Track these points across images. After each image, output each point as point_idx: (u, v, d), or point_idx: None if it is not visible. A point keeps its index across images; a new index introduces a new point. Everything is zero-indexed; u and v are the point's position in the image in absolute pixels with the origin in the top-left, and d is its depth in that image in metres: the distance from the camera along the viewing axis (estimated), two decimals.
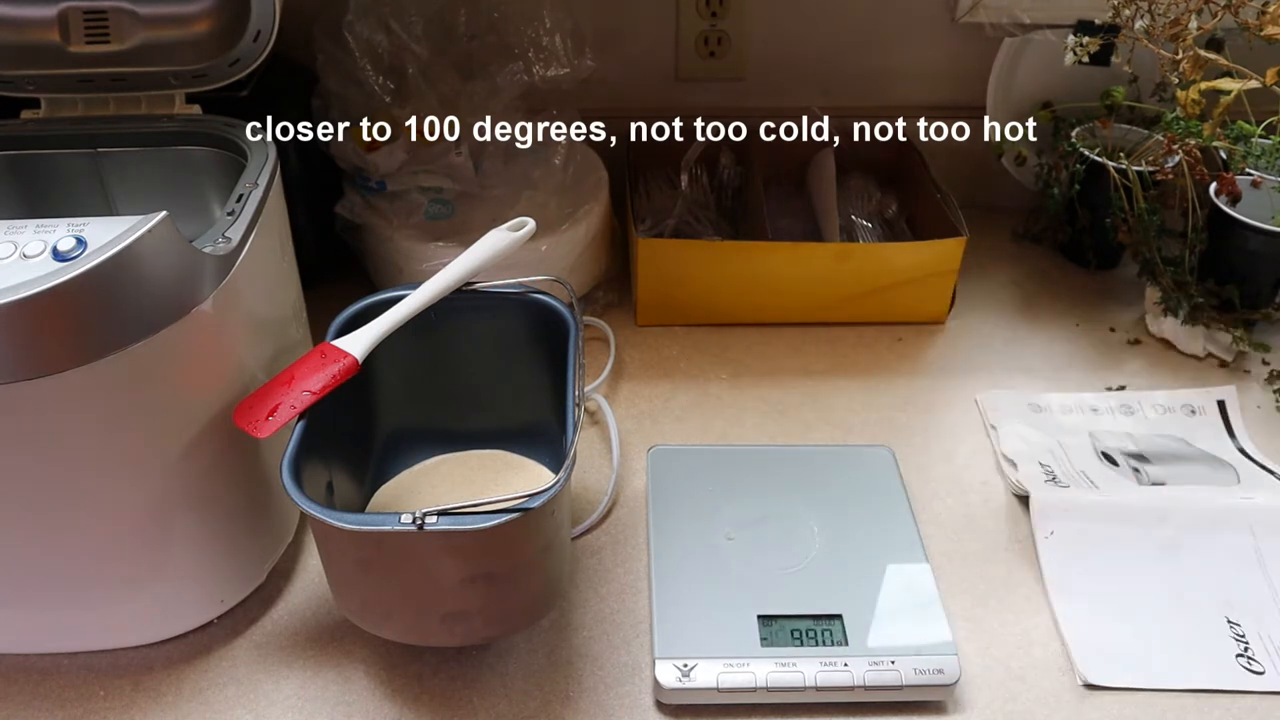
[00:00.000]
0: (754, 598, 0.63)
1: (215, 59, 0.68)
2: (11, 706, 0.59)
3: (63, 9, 0.67)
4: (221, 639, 0.62)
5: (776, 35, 0.97)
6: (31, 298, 0.45)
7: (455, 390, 0.69)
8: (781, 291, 0.87)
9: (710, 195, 0.98)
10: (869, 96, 1.01)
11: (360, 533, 0.49)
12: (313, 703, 0.59)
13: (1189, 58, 0.76)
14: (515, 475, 0.71)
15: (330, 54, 0.81)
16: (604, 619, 0.64)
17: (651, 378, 0.84)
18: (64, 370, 0.48)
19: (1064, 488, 0.72)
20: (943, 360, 0.87)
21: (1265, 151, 0.81)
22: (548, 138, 0.87)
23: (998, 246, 1.01)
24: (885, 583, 0.64)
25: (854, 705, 0.59)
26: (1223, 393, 0.82)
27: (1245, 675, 0.60)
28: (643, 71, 0.99)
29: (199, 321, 0.53)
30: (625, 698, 0.59)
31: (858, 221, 0.96)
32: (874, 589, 0.63)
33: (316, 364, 0.57)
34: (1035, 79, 0.97)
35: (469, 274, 0.63)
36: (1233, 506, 0.70)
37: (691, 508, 0.68)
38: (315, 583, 0.66)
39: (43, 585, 0.57)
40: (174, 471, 0.55)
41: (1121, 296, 0.94)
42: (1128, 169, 0.86)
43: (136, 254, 0.48)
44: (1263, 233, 0.82)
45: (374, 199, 0.85)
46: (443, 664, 0.61)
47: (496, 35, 0.85)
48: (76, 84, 0.67)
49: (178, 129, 0.66)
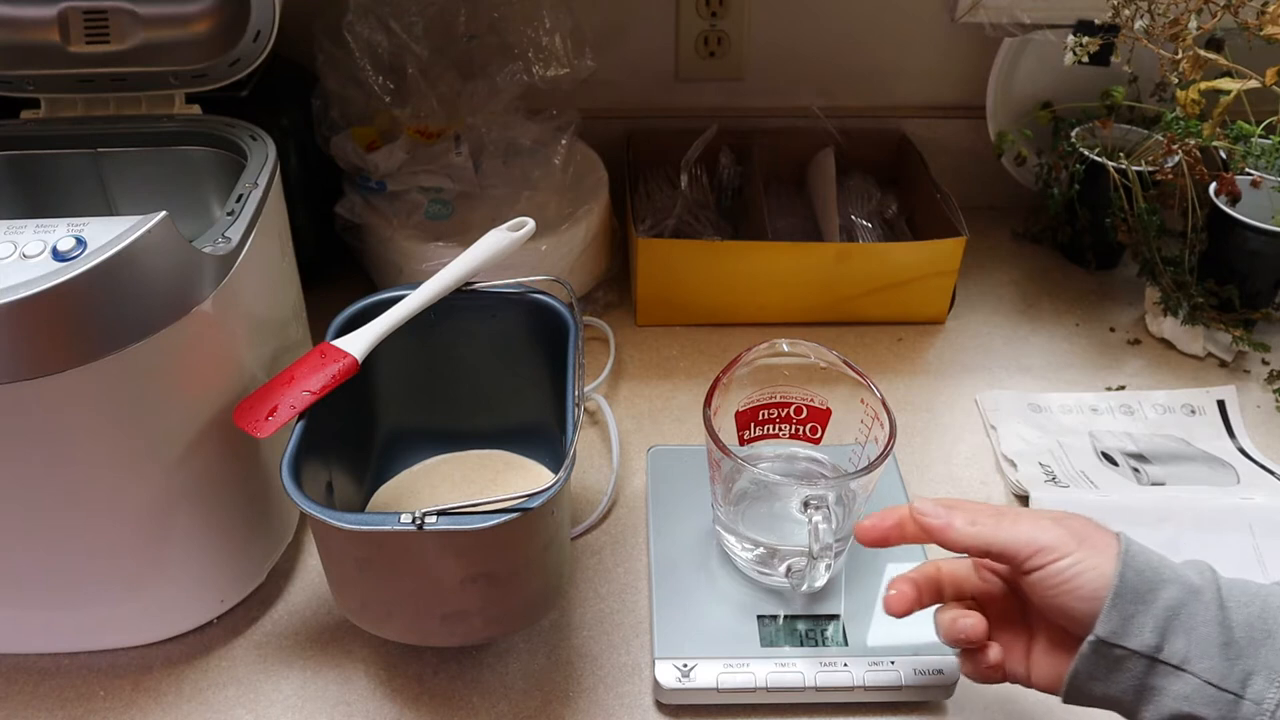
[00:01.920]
0: (754, 598, 0.63)
1: (215, 59, 0.68)
2: (11, 706, 0.59)
3: (63, 9, 0.67)
4: (221, 639, 0.63)
5: (776, 35, 0.97)
6: (31, 298, 0.45)
7: (455, 390, 0.69)
8: (781, 291, 0.87)
9: (710, 195, 0.98)
10: (869, 96, 1.01)
11: (360, 533, 0.49)
12: (313, 703, 0.59)
13: (1189, 58, 0.76)
14: (515, 475, 0.71)
15: (330, 54, 0.81)
16: (604, 619, 0.64)
17: (651, 378, 0.84)
18: (64, 370, 0.48)
19: (1064, 488, 0.72)
20: (942, 360, 0.87)
21: (1265, 151, 0.81)
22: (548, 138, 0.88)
23: (998, 246, 1.01)
24: (885, 583, 0.64)
25: (853, 705, 0.59)
26: (1223, 393, 0.82)
27: None
28: (643, 71, 0.99)
29: (199, 321, 0.53)
30: (625, 698, 0.59)
31: (858, 221, 0.96)
32: (874, 589, 0.63)
33: (316, 364, 0.57)
34: (1035, 79, 0.97)
35: (469, 274, 0.63)
36: (1232, 506, 0.70)
37: (691, 508, 0.68)
38: (315, 583, 0.66)
39: (42, 585, 0.57)
40: (174, 471, 0.55)
41: (1121, 296, 0.94)
42: (1127, 169, 0.86)
43: (136, 254, 0.48)
44: (1263, 233, 0.82)
45: (374, 199, 0.85)
46: (443, 664, 0.61)
47: (496, 35, 0.85)
48: (76, 84, 0.67)
49: (178, 129, 0.66)
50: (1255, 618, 0.44)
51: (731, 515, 0.64)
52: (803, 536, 0.57)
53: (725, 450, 0.58)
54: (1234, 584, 0.46)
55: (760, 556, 0.63)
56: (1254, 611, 0.45)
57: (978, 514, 0.50)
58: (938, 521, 0.51)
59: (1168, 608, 0.45)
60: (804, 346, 0.64)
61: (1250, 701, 0.43)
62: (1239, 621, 0.44)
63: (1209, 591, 0.45)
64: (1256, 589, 0.46)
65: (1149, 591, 0.45)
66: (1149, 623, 0.45)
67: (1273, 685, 0.43)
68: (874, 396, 0.61)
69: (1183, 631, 0.45)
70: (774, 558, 0.62)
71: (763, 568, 0.63)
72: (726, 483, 0.63)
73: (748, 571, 0.64)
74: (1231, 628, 0.44)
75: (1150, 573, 0.46)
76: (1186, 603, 0.45)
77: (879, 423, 0.61)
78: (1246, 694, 0.43)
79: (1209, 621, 0.45)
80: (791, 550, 0.61)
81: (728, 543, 0.64)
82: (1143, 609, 0.45)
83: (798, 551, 0.60)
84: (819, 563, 0.54)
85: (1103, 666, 0.46)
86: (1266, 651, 0.44)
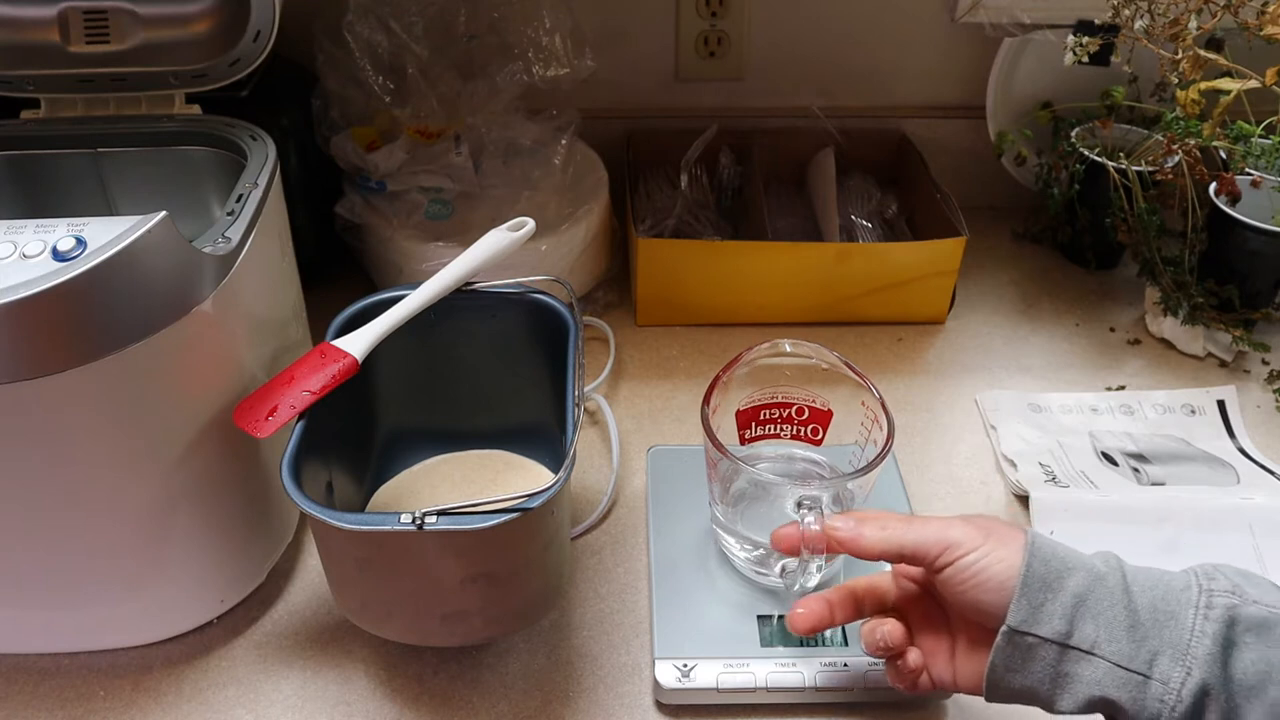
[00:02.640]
0: (753, 598, 0.63)
1: (215, 59, 0.68)
2: (11, 706, 0.59)
3: (63, 9, 0.67)
4: (221, 639, 0.63)
5: (776, 35, 0.97)
6: (31, 298, 0.45)
7: (455, 390, 0.69)
8: (781, 291, 0.87)
9: (710, 195, 0.98)
10: (869, 96, 1.01)
11: (360, 533, 0.49)
12: (313, 703, 0.59)
13: (1189, 58, 0.76)
14: (515, 475, 0.71)
15: (330, 54, 0.81)
16: (604, 619, 0.64)
17: (651, 378, 0.84)
18: (64, 370, 0.48)
19: (1064, 488, 0.72)
20: (942, 360, 0.87)
21: (1265, 151, 0.81)
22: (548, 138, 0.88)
23: (998, 246, 1.01)
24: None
25: (854, 705, 0.59)
26: (1222, 393, 0.82)
27: None
28: (643, 71, 0.99)
29: (199, 321, 0.53)
30: (625, 698, 0.59)
31: (858, 221, 0.96)
32: None
33: (316, 364, 0.57)
34: (1035, 79, 0.97)
35: (469, 274, 0.63)
36: (1232, 506, 0.70)
37: (691, 508, 0.68)
38: (315, 583, 0.66)
39: (42, 585, 0.57)
40: (174, 471, 0.55)
41: (1121, 296, 0.94)
42: (1127, 169, 0.86)
43: (136, 254, 0.48)
44: (1263, 233, 0.82)
45: (374, 199, 0.85)
46: (443, 664, 0.61)
47: (496, 35, 0.85)
48: (76, 84, 0.67)
49: (178, 129, 0.66)
50: (1159, 600, 0.46)
51: (729, 515, 0.64)
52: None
53: (721, 449, 0.58)
54: (1138, 570, 0.48)
55: (758, 557, 0.63)
56: (1158, 595, 0.46)
57: (888, 521, 0.52)
58: (848, 533, 0.53)
59: (1075, 595, 0.47)
60: (806, 347, 0.64)
61: (1157, 681, 0.44)
62: (1143, 605, 0.46)
63: (1114, 577, 0.47)
64: (1160, 574, 0.48)
65: (1056, 579, 0.47)
66: (1057, 610, 0.47)
67: (1178, 665, 0.44)
68: (874, 398, 0.61)
69: (1090, 617, 0.46)
70: (771, 558, 0.62)
71: (760, 568, 0.63)
72: (724, 482, 0.63)
73: (745, 571, 0.64)
74: (1137, 610, 0.46)
75: (1056, 562, 0.48)
76: (1093, 589, 0.47)
77: (878, 425, 0.61)
78: (1154, 674, 0.45)
79: (1115, 605, 0.46)
80: None
81: (726, 543, 0.64)
82: (1051, 597, 0.47)
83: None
84: (809, 563, 0.55)
85: (1017, 657, 0.47)
86: (1170, 631, 0.45)
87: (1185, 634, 0.45)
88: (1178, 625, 0.45)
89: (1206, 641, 0.44)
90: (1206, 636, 0.44)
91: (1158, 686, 0.44)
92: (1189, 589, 0.46)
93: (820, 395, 0.65)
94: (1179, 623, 0.45)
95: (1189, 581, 0.47)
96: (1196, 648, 0.44)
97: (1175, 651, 0.45)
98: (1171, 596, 0.46)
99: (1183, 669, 0.44)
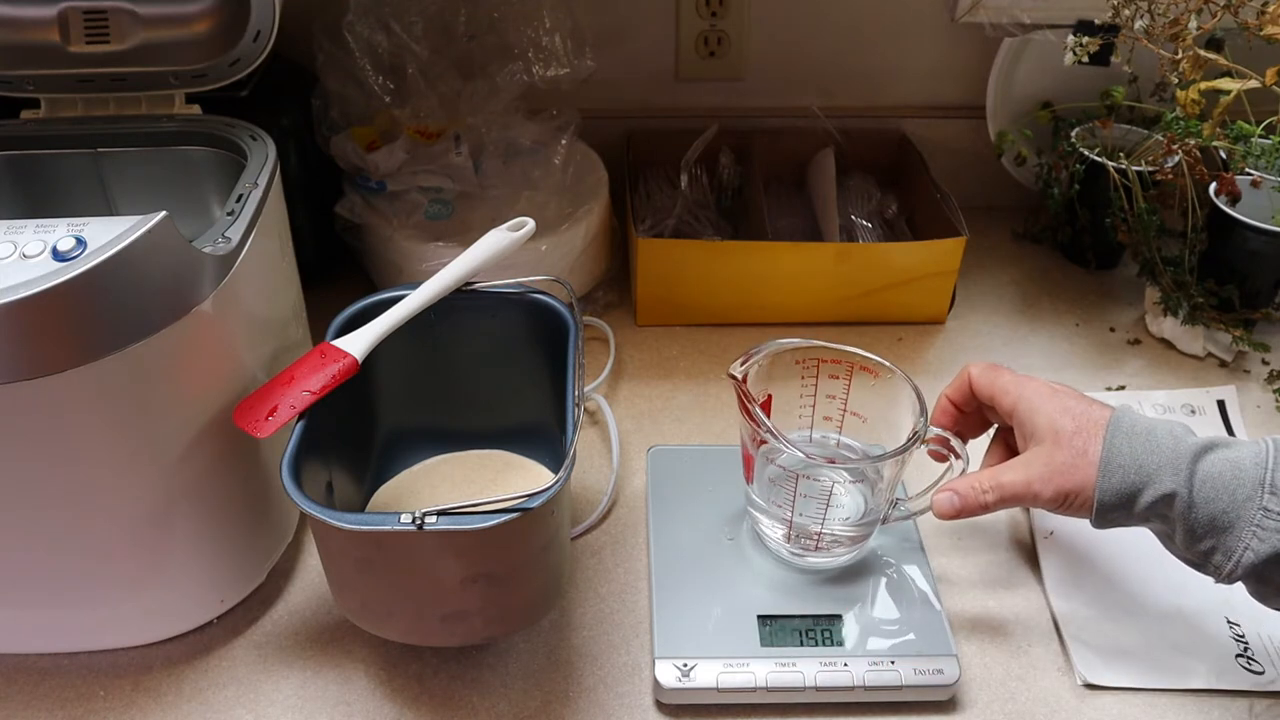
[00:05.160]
0: (754, 598, 0.63)
1: (215, 59, 0.68)
2: (11, 706, 0.59)
3: (63, 9, 0.67)
4: (221, 639, 0.63)
5: (776, 35, 0.97)
6: (31, 298, 0.45)
7: (455, 390, 0.69)
8: (781, 291, 0.87)
9: (710, 195, 0.98)
10: (869, 96, 1.01)
11: (360, 533, 0.49)
12: (313, 703, 0.59)
13: (1189, 58, 0.76)
14: (515, 475, 0.71)
15: (330, 54, 0.81)
16: (604, 619, 0.64)
17: (651, 378, 0.84)
18: (64, 370, 0.48)
19: None
20: (943, 360, 0.87)
21: (1265, 151, 0.81)
22: (548, 138, 0.88)
23: (998, 246, 1.01)
24: (885, 583, 0.64)
25: (854, 705, 0.59)
26: (1223, 392, 0.82)
27: (1245, 675, 0.60)
28: (643, 71, 0.99)
29: (199, 321, 0.53)
30: (625, 698, 0.59)
31: (858, 221, 0.96)
32: (874, 589, 0.63)
33: (316, 364, 0.57)
34: (1035, 79, 0.97)
35: (469, 274, 0.63)
36: None
37: (692, 508, 0.68)
38: (315, 583, 0.66)
39: (43, 585, 0.57)
40: (174, 471, 0.55)
41: (1121, 296, 0.94)
42: (1127, 169, 0.86)
43: (136, 254, 0.48)
44: (1263, 233, 0.82)
45: (374, 199, 0.85)
46: (443, 664, 0.61)
47: (496, 35, 0.85)
48: (76, 84, 0.67)
49: (177, 129, 0.66)
50: (1219, 513, 0.53)
51: (764, 494, 0.63)
52: (829, 516, 0.58)
53: (775, 432, 0.58)
54: (1206, 482, 0.54)
55: (789, 536, 0.63)
56: (1218, 508, 0.53)
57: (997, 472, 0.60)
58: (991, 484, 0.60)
59: (1141, 519, 0.56)
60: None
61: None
62: (1202, 519, 0.53)
63: (1180, 499, 0.54)
64: (1229, 481, 0.53)
65: (1129, 502, 0.55)
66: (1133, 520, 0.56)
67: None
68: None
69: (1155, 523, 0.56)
70: (803, 537, 0.62)
71: (794, 548, 0.63)
72: (763, 459, 0.63)
73: (779, 552, 0.64)
74: (1194, 528, 0.54)
75: (1127, 488, 0.55)
76: (1156, 509, 0.54)
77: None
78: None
79: (1174, 528, 0.55)
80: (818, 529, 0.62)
81: (761, 526, 0.65)
82: (1124, 515, 0.56)
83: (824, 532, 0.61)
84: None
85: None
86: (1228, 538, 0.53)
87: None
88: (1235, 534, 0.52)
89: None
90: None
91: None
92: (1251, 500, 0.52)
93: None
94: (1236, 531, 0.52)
95: (1253, 492, 0.52)
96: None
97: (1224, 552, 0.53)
98: (1234, 509, 0.52)
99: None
